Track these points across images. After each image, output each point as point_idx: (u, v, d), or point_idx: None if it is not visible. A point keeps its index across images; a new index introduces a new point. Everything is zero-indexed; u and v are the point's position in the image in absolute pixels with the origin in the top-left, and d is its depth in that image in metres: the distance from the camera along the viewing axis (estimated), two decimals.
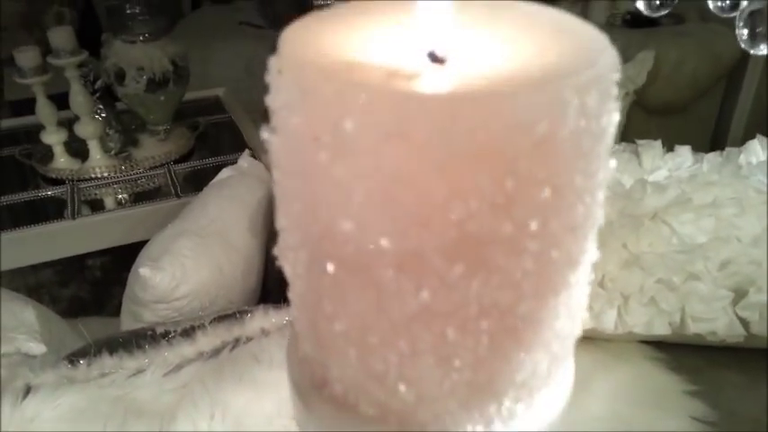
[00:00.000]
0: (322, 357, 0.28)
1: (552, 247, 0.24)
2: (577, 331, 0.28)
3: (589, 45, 0.24)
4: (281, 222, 0.27)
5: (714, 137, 1.80)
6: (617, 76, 0.23)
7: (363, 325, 0.25)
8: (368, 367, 0.26)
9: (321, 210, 0.24)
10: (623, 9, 1.85)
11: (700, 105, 1.74)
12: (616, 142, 1.31)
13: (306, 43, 0.24)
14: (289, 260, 0.28)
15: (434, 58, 0.25)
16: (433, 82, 0.22)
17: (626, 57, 1.63)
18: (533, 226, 0.22)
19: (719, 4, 0.62)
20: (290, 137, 0.24)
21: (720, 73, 1.72)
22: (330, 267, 0.24)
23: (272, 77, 0.24)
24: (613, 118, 0.24)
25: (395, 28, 0.26)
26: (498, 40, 0.25)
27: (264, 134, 0.25)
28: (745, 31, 0.57)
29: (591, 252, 0.26)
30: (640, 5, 0.64)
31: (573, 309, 0.27)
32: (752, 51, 0.56)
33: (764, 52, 0.56)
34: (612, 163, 0.25)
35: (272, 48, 0.24)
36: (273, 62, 0.24)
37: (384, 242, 0.23)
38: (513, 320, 0.25)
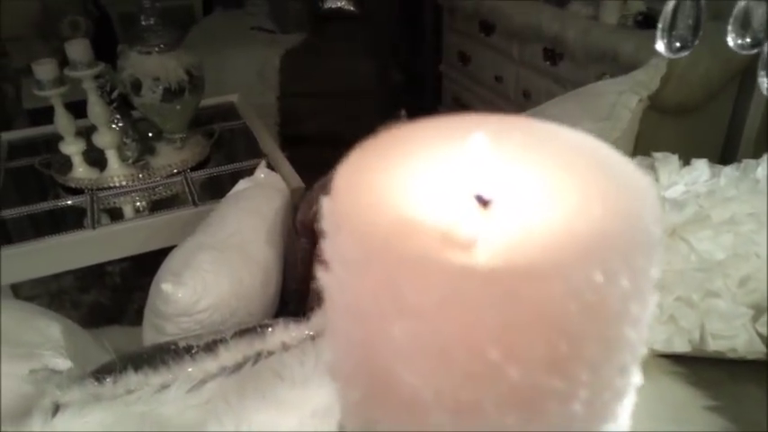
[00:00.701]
0: None
1: (602, 389, 0.25)
2: None
3: (631, 192, 0.25)
4: (332, 348, 0.28)
5: (728, 137, 1.79)
6: (660, 225, 0.24)
7: None
8: None
9: (377, 356, 0.25)
10: (635, 10, 1.83)
11: (713, 106, 1.73)
12: (631, 152, 1.31)
13: (360, 193, 0.25)
14: (340, 383, 0.29)
15: (481, 200, 0.26)
16: (485, 250, 0.23)
17: (638, 58, 1.62)
18: (584, 377, 0.24)
19: (740, 42, 0.63)
20: (346, 288, 0.25)
21: (733, 73, 1.71)
22: (386, 407, 0.26)
23: (328, 227, 0.25)
24: (656, 265, 0.25)
25: (441, 164, 0.27)
26: (542, 178, 0.26)
27: (319, 274, 0.26)
28: (767, 81, 0.57)
29: (636, 380, 0.27)
30: (660, 48, 0.65)
31: (620, 429, 0.28)
32: None
33: None
34: (654, 299, 0.26)
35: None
36: (328, 207, 0.25)
37: (440, 392, 0.24)
38: None
